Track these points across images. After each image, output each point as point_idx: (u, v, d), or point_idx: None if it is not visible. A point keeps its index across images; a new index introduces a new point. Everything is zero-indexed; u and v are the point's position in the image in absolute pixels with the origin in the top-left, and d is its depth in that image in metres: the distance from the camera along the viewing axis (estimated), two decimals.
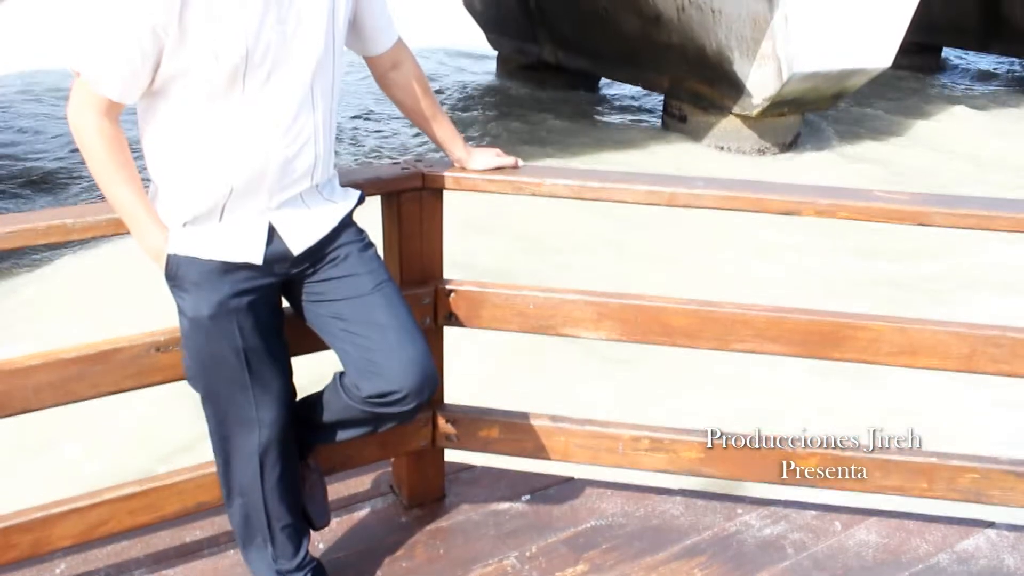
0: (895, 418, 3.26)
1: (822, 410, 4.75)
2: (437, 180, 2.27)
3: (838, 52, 9.92)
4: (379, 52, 2.12)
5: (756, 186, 2.34)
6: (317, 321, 2.04)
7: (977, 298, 6.87)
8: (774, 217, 2.33)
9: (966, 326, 2.33)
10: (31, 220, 1.99)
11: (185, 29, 1.70)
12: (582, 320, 2.35)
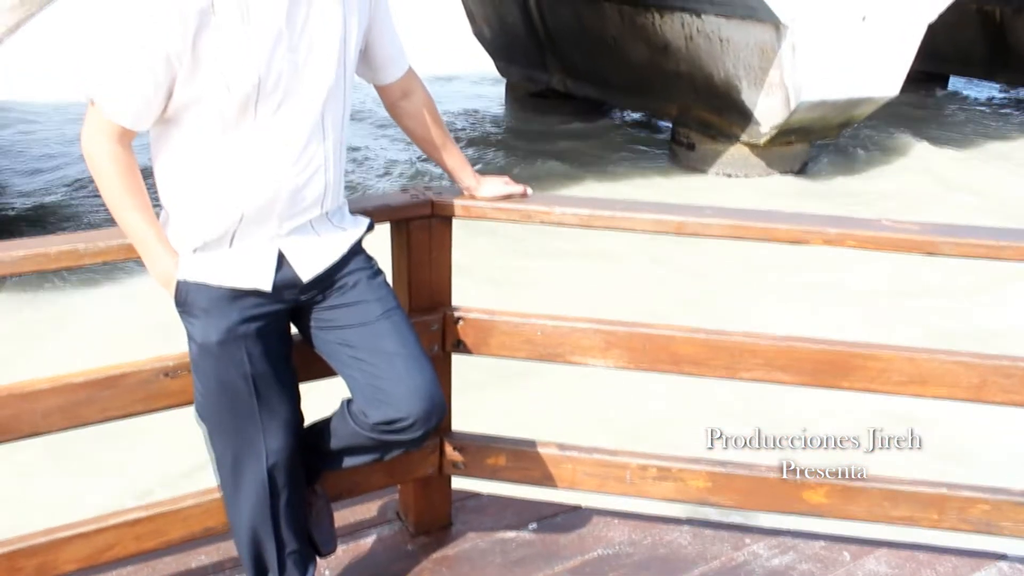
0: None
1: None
2: (446, 208, 2.28)
3: (845, 81, 9.97)
4: (390, 81, 2.14)
5: (764, 215, 2.35)
6: (325, 348, 2.05)
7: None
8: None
9: (976, 356, 2.32)
10: (43, 245, 2.01)
11: (198, 58, 1.72)
12: (590, 348, 2.35)
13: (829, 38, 9.61)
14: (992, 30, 17.00)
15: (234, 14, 1.72)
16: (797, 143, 10.99)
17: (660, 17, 11.11)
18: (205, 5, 1.70)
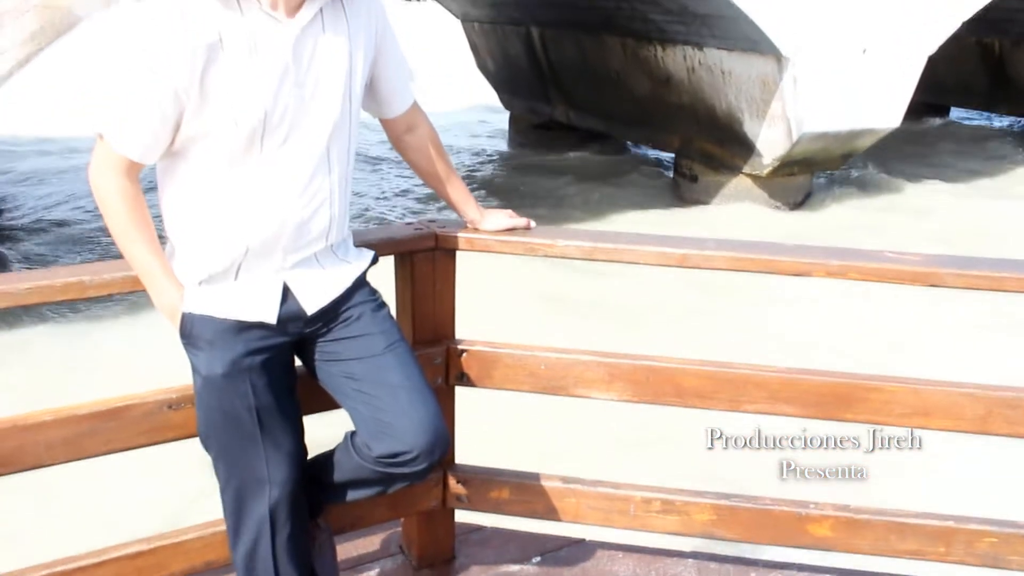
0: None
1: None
2: (450, 241, 2.29)
3: (847, 112, 10.03)
4: (395, 115, 2.16)
5: (767, 247, 2.35)
6: (329, 380, 2.05)
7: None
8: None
9: (980, 387, 2.31)
10: (48, 277, 2.02)
11: (206, 92, 1.74)
12: (594, 381, 2.35)
13: (830, 70, 9.68)
14: (992, 62, 17.13)
15: (242, 49, 1.75)
16: (799, 174, 11.03)
17: (662, 50, 11.21)
18: (213, 40, 1.72)
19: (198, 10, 1.72)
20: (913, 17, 10.00)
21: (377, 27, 1.98)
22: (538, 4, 12.56)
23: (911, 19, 9.99)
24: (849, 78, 9.84)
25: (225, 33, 1.73)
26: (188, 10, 1.72)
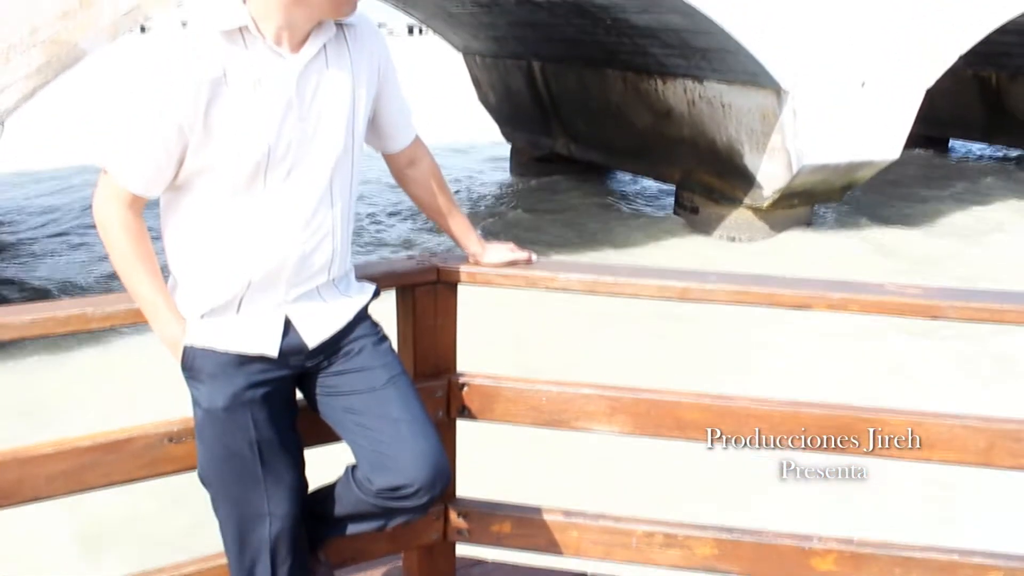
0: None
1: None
2: (452, 274, 2.30)
3: (846, 145, 10.09)
4: (397, 149, 2.17)
5: (768, 281, 2.36)
6: (330, 414, 2.05)
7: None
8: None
9: (983, 419, 2.30)
10: (51, 309, 2.02)
11: (210, 127, 1.75)
12: (595, 414, 2.34)
13: (829, 103, 9.76)
14: (989, 95, 17.27)
15: (246, 84, 1.76)
16: (800, 206, 11.07)
17: (663, 83, 11.29)
18: (218, 75, 1.74)
19: (203, 45, 1.74)
20: (911, 51, 10.09)
21: (380, 63, 2.00)
22: (539, 38, 12.68)
23: (909, 53, 10.09)
24: (848, 111, 9.91)
25: (230, 68, 1.75)
26: (193, 45, 1.74)
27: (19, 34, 5.74)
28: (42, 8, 5.77)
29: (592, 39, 11.58)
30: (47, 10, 5.78)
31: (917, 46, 10.11)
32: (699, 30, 9.34)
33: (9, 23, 5.71)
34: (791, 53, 9.32)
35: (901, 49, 10.02)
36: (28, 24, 5.75)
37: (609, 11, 10.18)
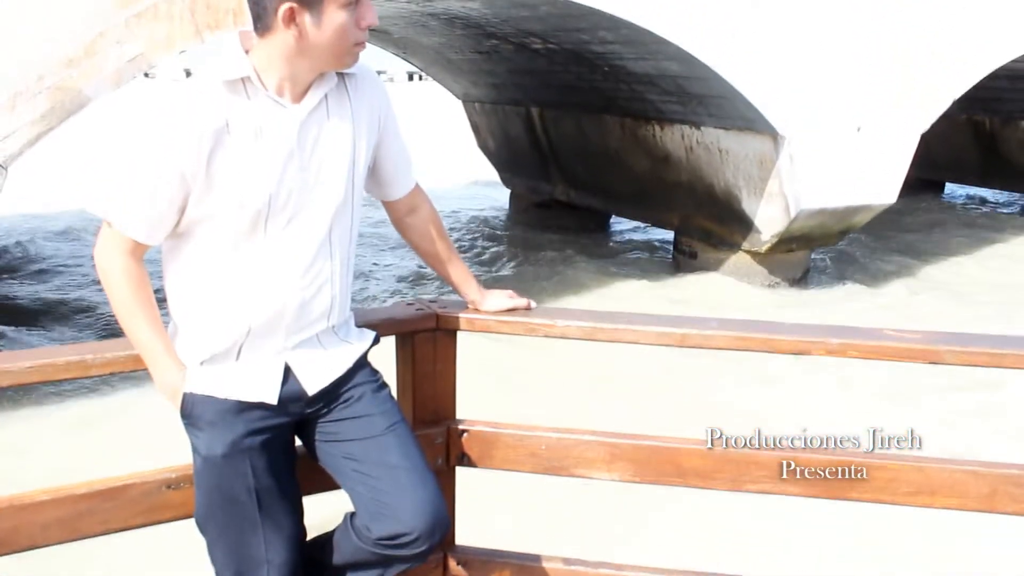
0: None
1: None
2: (451, 321, 2.31)
3: (843, 189, 10.14)
4: (397, 197, 2.19)
5: (767, 326, 2.37)
6: (330, 461, 2.04)
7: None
8: None
9: (985, 465, 2.30)
10: (51, 355, 2.02)
11: (212, 175, 1.77)
12: (595, 461, 2.34)
13: (826, 148, 9.83)
14: (984, 139, 17.43)
15: (248, 134, 1.79)
16: (798, 250, 11.09)
17: (660, 129, 11.39)
18: (220, 125, 1.76)
19: (206, 95, 1.77)
20: (905, 96, 10.20)
21: (380, 113, 2.03)
22: (538, 85, 12.82)
23: (903, 98, 10.20)
24: (845, 156, 9.99)
25: (232, 118, 1.78)
26: (196, 95, 1.77)
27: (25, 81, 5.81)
28: (48, 56, 5.84)
29: (590, 85, 11.70)
30: (53, 58, 5.86)
31: (911, 92, 10.22)
32: (696, 76, 9.45)
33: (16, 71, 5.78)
34: (787, 99, 9.42)
35: (895, 94, 10.12)
36: (35, 72, 5.82)
37: (607, 58, 10.30)
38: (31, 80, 5.83)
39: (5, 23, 5.76)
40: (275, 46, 1.79)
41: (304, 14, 1.76)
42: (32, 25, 5.81)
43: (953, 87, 10.61)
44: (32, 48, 5.82)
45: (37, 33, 5.82)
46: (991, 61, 10.86)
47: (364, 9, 1.82)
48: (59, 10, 5.86)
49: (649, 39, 8.68)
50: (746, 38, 8.97)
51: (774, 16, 9.12)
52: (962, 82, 10.68)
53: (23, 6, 5.78)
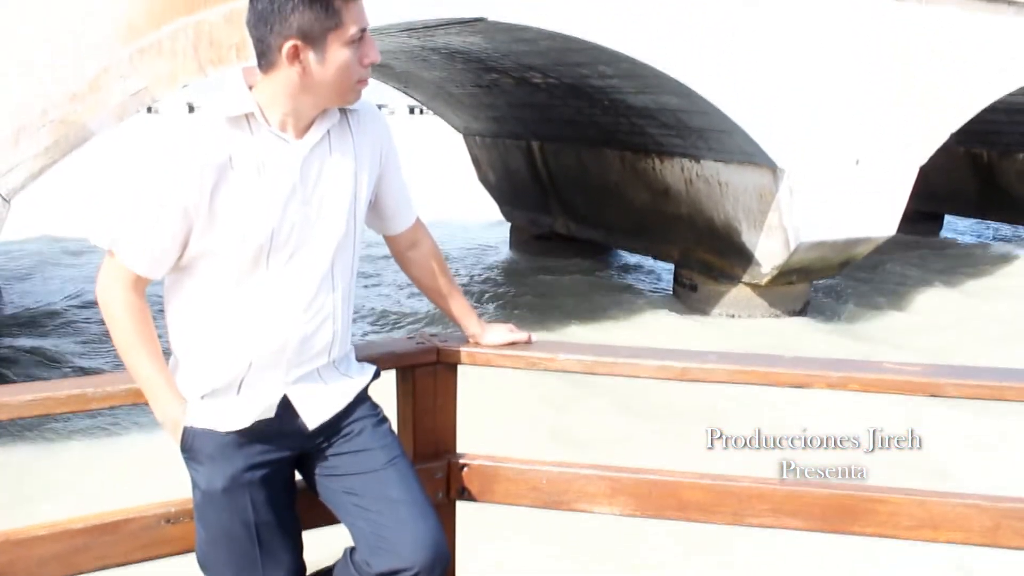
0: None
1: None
2: (452, 355, 2.31)
3: (843, 222, 10.18)
4: (398, 231, 2.20)
5: (767, 359, 2.37)
6: (330, 495, 2.03)
7: None
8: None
9: (989, 498, 2.28)
10: (51, 389, 2.03)
11: (215, 210, 1.78)
12: (595, 495, 2.33)
13: (825, 181, 9.88)
14: (982, 171, 17.53)
15: (250, 169, 1.80)
16: (798, 283, 11.11)
17: (660, 162, 11.45)
18: (223, 160, 1.78)
19: (209, 131, 1.79)
20: (903, 129, 10.27)
21: (382, 148, 2.04)
22: (538, 118, 12.90)
23: (901, 131, 10.27)
24: (844, 188, 10.04)
25: (235, 153, 1.79)
26: (199, 131, 1.78)
27: (29, 115, 5.85)
28: (53, 91, 5.90)
29: (590, 119, 11.78)
30: (57, 92, 5.91)
31: (909, 125, 10.29)
32: (695, 110, 9.52)
33: (20, 105, 5.83)
34: (786, 132, 9.48)
35: (894, 127, 10.20)
36: (39, 106, 5.87)
37: (606, 92, 10.39)
38: (35, 114, 5.88)
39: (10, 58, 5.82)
40: (279, 83, 1.81)
41: (308, 51, 1.78)
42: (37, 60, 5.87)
43: (951, 120, 10.70)
44: (37, 83, 5.87)
45: (42, 68, 5.88)
46: (988, 94, 10.97)
47: (367, 47, 1.84)
48: (64, 45, 5.93)
49: (648, 73, 8.76)
50: (745, 72, 9.05)
51: (773, 51, 9.21)
52: (960, 115, 10.77)
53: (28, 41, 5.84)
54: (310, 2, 1.74)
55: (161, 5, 6.12)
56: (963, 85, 10.64)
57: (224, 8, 6.26)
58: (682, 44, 8.59)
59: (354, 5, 1.79)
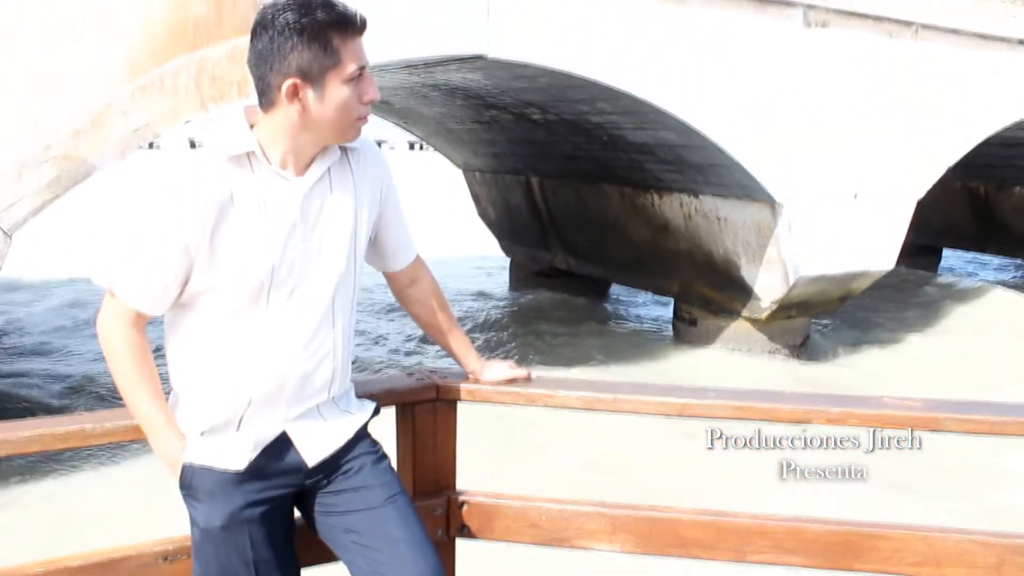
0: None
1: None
2: (451, 391, 2.31)
3: (841, 256, 10.21)
4: (398, 268, 2.21)
5: (767, 395, 2.37)
6: (329, 533, 2.02)
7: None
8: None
9: (992, 534, 2.27)
10: (50, 425, 2.02)
11: (215, 247, 1.79)
12: (595, 532, 2.31)
13: (823, 215, 9.92)
14: (979, 205, 17.62)
15: (251, 206, 1.81)
16: (798, 317, 11.11)
17: (659, 198, 11.50)
18: (225, 198, 1.79)
19: (211, 169, 1.80)
20: (900, 164, 10.35)
21: (382, 185, 2.06)
22: (537, 154, 12.98)
23: (898, 166, 10.34)
24: (842, 223, 10.08)
25: (236, 191, 1.80)
26: (201, 169, 1.80)
27: (32, 151, 5.89)
28: (56, 126, 5.94)
29: (589, 155, 11.85)
30: (60, 128, 5.96)
31: (906, 159, 10.36)
32: (693, 145, 9.59)
33: (23, 141, 5.87)
34: (784, 167, 9.54)
35: (890, 162, 10.27)
36: (41, 141, 5.91)
37: (605, 128, 10.46)
38: (38, 150, 5.91)
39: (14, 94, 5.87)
40: (279, 120, 1.83)
41: (307, 89, 1.79)
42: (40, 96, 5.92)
43: (947, 155, 10.78)
44: (40, 118, 5.92)
45: (45, 104, 5.93)
46: (983, 130, 11.05)
47: (366, 84, 1.86)
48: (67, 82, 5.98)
49: (647, 109, 8.83)
50: (742, 108, 9.13)
51: (770, 87, 9.30)
52: (956, 150, 10.86)
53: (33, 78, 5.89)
54: (309, 41, 1.76)
55: (164, 42, 6.19)
56: (958, 120, 10.73)
57: (226, 45, 6.33)
58: (680, 80, 8.66)
59: (353, 43, 1.81)
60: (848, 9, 9.49)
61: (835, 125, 9.79)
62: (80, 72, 5.99)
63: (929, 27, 10.17)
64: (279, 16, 1.76)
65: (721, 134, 9.05)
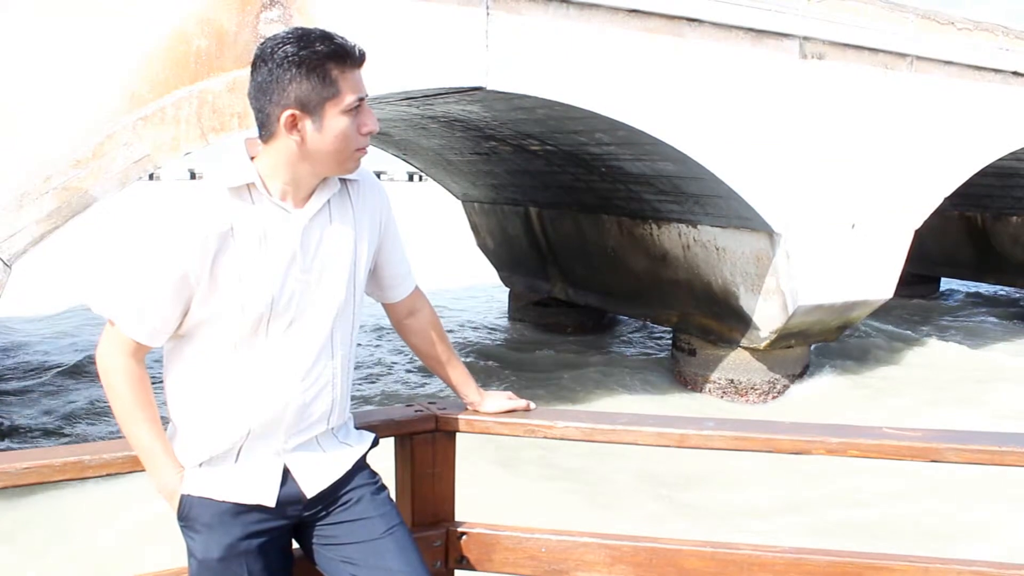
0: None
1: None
2: (450, 423, 2.31)
3: (840, 285, 10.23)
4: (397, 299, 2.22)
5: (766, 426, 2.36)
6: (327, 565, 2.01)
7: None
8: None
9: (993, 565, 2.26)
10: (47, 456, 2.02)
11: (215, 278, 1.80)
12: (595, 564, 2.30)
13: (821, 245, 9.95)
14: (976, 235, 17.67)
15: (252, 238, 1.82)
16: (797, 346, 11.10)
17: (658, 228, 11.53)
18: (225, 229, 1.80)
19: (211, 201, 1.81)
20: (898, 194, 10.40)
21: (381, 217, 2.07)
22: (536, 185, 13.04)
23: (896, 196, 10.39)
24: (841, 252, 10.11)
25: (236, 223, 1.81)
26: (202, 201, 1.81)
27: (33, 181, 5.91)
28: (56, 157, 5.97)
29: (587, 186, 11.90)
30: (61, 159, 5.98)
31: (903, 189, 10.42)
32: (691, 176, 9.63)
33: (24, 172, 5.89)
34: (782, 197, 9.57)
35: (888, 192, 10.32)
36: (42, 172, 5.93)
37: (604, 159, 10.51)
38: (38, 180, 5.94)
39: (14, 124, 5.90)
40: (278, 152, 1.84)
41: (305, 120, 1.81)
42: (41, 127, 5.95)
43: (944, 184, 10.84)
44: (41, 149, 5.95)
45: (46, 135, 5.96)
46: (979, 159, 11.12)
47: (365, 116, 1.87)
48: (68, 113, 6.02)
49: (645, 140, 8.88)
50: (740, 139, 9.18)
51: (767, 117, 9.36)
52: (952, 179, 10.91)
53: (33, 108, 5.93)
54: (307, 72, 1.78)
55: (165, 74, 6.24)
56: (954, 150, 10.80)
57: (227, 77, 6.37)
58: (678, 111, 8.72)
59: (351, 75, 1.83)
60: (844, 41, 9.58)
61: (832, 155, 9.84)
62: (81, 103, 6.03)
63: (924, 59, 10.27)
64: (279, 49, 1.78)
65: (719, 164, 9.09)
